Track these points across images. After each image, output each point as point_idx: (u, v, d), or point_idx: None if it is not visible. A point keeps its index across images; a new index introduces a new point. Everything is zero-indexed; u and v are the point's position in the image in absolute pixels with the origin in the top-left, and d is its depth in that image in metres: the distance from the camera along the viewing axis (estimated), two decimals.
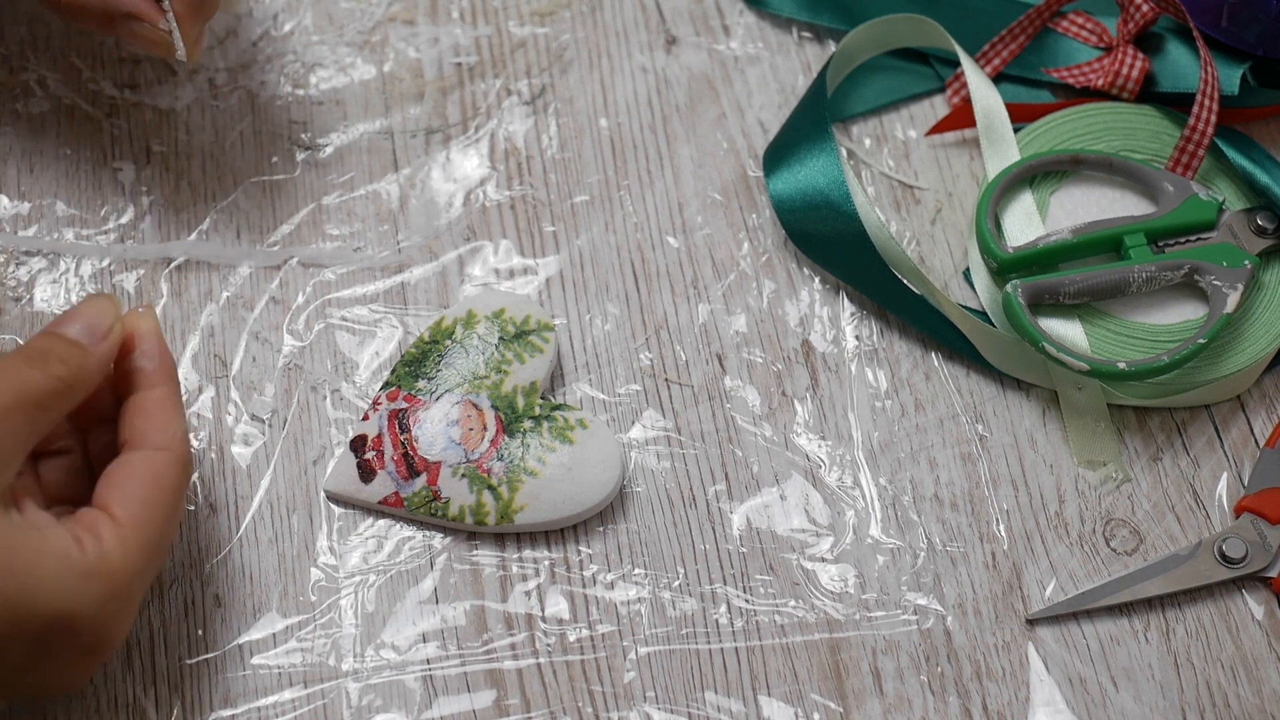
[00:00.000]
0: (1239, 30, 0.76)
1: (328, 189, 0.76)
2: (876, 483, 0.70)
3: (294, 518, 0.68)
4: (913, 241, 0.76)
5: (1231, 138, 0.76)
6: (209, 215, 0.75)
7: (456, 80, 0.79)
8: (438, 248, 0.75)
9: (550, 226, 0.76)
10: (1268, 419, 0.72)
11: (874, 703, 0.65)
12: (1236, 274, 0.71)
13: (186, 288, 0.73)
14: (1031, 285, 0.71)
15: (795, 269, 0.75)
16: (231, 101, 0.78)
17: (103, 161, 0.76)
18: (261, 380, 0.71)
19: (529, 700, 0.65)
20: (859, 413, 0.71)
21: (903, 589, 0.67)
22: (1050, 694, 0.65)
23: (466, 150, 0.78)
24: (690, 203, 0.76)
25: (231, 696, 0.64)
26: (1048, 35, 0.80)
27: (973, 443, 0.71)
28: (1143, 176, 0.75)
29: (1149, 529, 0.69)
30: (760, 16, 0.82)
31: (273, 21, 0.81)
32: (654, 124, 0.79)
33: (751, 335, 0.73)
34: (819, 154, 0.74)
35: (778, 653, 0.66)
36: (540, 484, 0.67)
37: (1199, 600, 0.68)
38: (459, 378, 0.70)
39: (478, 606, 0.66)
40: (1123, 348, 0.72)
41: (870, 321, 0.74)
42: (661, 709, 0.65)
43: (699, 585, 0.67)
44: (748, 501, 0.69)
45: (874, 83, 0.80)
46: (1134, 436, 0.71)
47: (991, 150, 0.76)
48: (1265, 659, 0.66)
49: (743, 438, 0.71)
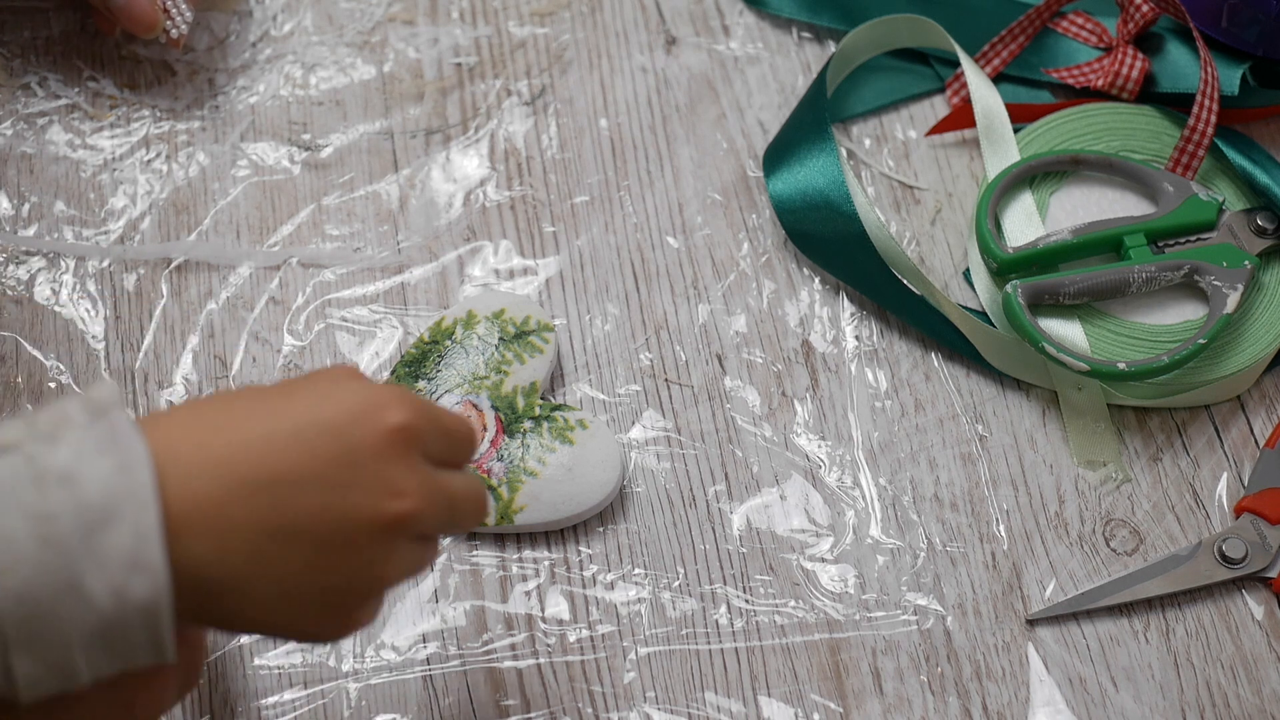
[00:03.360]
0: (1239, 30, 0.75)
1: (327, 189, 0.76)
2: (876, 483, 0.70)
3: None
4: (913, 242, 0.76)
5: (1231, 138, 0.76)
6: (209, 215, 0.75)
7: (456, 81, 0.79)
8: (438, 248, 0.75)
9: (550, 227, 0.76)
10: (1268, 419, 0.72)
11: (874, 703, 0.65)
12: (1236, 274, 0.71)
13: (186, 288, 0.73)
14: (1031, 285, 0.71)
15: (795, 269, 0.75)
16: (232, 101, 0.78)
17: (103, 162, 0.76)
18: (261, 380, 0.71)
19: (529, 701, 0.65)
20: (859, 413, 0.71)
21: (903, 589, 0.67)
22: (1050, 694, 0.65)
23: (466, 151, 0.78)
24: (690, 203, 0.76)
25: (232, 697, 0.64)
26: (1047, 35, 0.80)
27: (973, 443, 0.71)
28: (1143, 177, 0.75)
29: (1149, 529, 0.69)
30: (760, 17, 0.82)
31: (273, 22, 0.81)
32: (654, 124, 0.79)
33: (751, 335, 0.73)
34: (819, 154, 0.74)
35: (778, 653, 0.66)
36: (540, 484, 0.67)
37: (1199, 600, 0.68)
38: (459, 378, 0.70)
39: (478, 607, 0.66)
40: (1123, 348, 0.72)
41: (870, 322, 0.74)
42: (661, 709, 0.65)
43: (699, 585, 0.67)
44: (748, 502, 0.69)
45: (874, 83, 0.80)
46: (1134, 437, 0.71)
47: (991, 150, 0.76)
48: (1265, 659, 0.66)
49: (743, 438, 0.71)
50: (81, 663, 0.46)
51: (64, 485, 0.45)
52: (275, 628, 0.49)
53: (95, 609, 0.45)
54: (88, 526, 0.45)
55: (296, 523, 0.48)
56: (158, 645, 0.46)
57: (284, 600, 0.48)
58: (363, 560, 0.49)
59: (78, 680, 0.46)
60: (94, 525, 0.45)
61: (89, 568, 0.45)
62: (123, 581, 0.45)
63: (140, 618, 0.46)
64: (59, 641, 0.45)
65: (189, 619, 0.48)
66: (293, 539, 0.48)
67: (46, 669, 0.45)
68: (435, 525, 0.51)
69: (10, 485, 0.45)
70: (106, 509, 0.45)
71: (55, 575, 0.44)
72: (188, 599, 0.47)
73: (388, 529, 0.49)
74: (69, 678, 0.46)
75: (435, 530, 0.52)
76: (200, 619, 0.48)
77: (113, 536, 0.45)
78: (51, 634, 0.45)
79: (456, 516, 0.53)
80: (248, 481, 0.47)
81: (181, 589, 0.46)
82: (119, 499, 0.45)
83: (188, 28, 0.76)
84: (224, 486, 0.47)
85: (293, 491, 0.48)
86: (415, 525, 0.50)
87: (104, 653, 0.46)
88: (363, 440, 0.49)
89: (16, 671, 0.45)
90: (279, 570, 0.48)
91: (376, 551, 0.49)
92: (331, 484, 0.48)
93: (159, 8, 0.75)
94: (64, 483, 0.45)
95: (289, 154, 0.77)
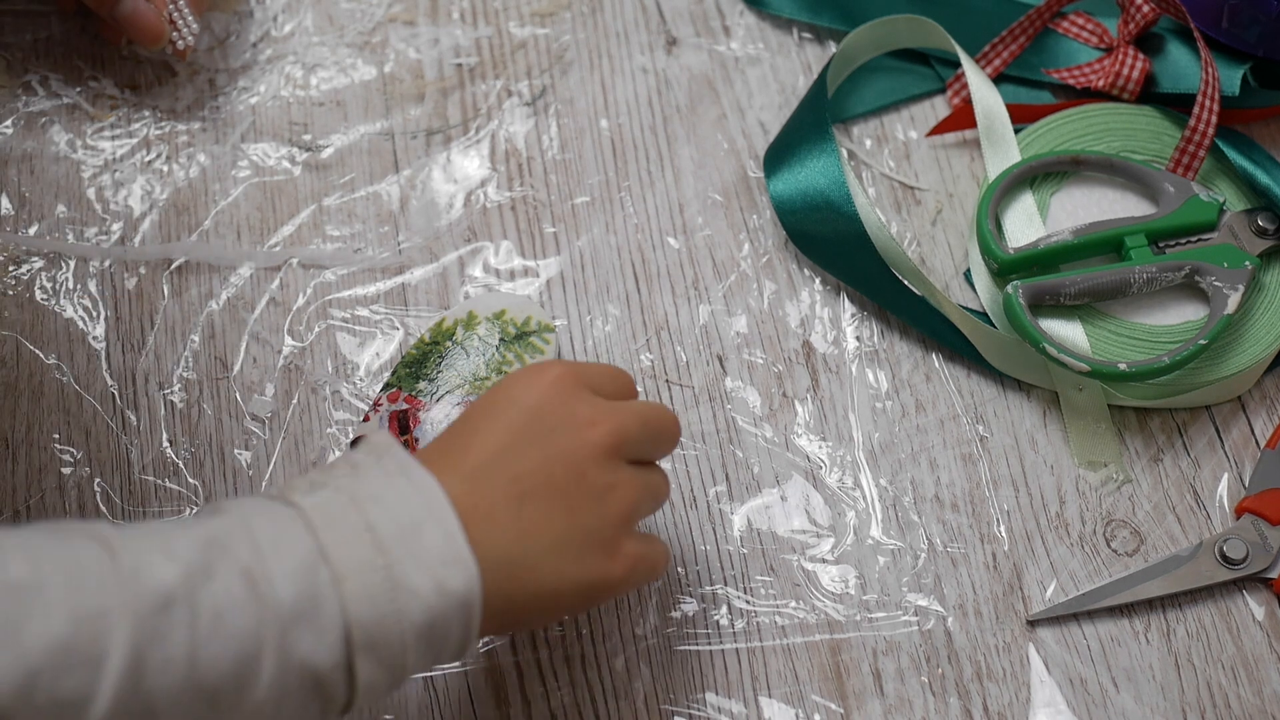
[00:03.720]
0: (1239, 31, 0.75)
1: (328, 190, 0.76)
2: (877, 484, 0.70)
3: None
4: (913, 242, 0.76)
5: (1232, 138, 0.76)
6: (209, 216, 0.75)
7: (457, 81, 0.79)
8: (438, 249, 0.75)
9: (551, 227, 0.76)
10: (1268, 420, 0.72)
11: (874, 703, 0.65)
12: (1237, 275, 0.71)
13: (187, 288, 0.73)
14: (1032, 286, 0.71)
15: (796, 270, 0.75)
16: (232, 102, 0.78)
17: (104, 162, 0.76)
18: (262, 381, 0.71)
19: (529, 702, 0.65)
20: (860, 414, 0.71)
21: (903, 590, 0.67)
22: (1051, 695, 0.65)
23: (467, 151, 0.78)
24: (691, 203, 0.76)
25: None
26: (1048, 36, 0.80)
27: (973, 444, 0.71)
28: (1143, 177, 0.75)
29: (1150, 530, 0.69)
30: (760, 17, 0.82)
31: (273, 22, 0.81)
32: (654, 125, 0.79)
33: (752, 336, 0.73)
34: (820, 155, 0.74)
35: (778, 654, 0.66)
36: None
37: (1200, 601, 0.68)
38: (460, 379, 0.69)
39: None
40: (1123, 349, 0.72)
41: (871, 322, 0.74)
42: (662, 710, 0.65)
43: (700, 586, 0.67)
44: (748, 502, 0.69)
45: (874, 83, 0.80)
46: (1134, 437, 0.71)
47: (992, 151, 0.76)
48: (1266, 660, 0.66)
49: (743, 439, 0.71)
50: (411, 660, 0.52)
51: (376, 503, 0.52)
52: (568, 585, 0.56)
53: (422, 602, 0.51)
54: (402, 531, 0.52)
55: (534, 483, 0.55)
56: (466, 638, 0.53)
57: (559, 553, 0.55)
58: (597, 489, 0.56)
59: (403, 679, 0.53)
60: (408, 530, 0.52)
61: (412, 568, 0.52)
62: (442, 575, 0.52)
63: (458, 610, 0.52)
64: (396, 640, 0.51)
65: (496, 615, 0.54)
66: (538, 497, 0.55)
67: (383, 669, 0.51)
68: (640, 441, 0.58)
69: (335, 507, 0.52)
70: (414, 518, 0.52)
71: (386, 575, 0.51)
72: (490, 585, 0.53)
73: (601, 451, 0.57)
74: (398, 678, 0.52)
75: (643, 448, 0.59)
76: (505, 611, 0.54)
77: (426, 539, 0.52)
78: (389, 633, 0.51)
79: (653, 431, 0.59)
80: (484, 470, 0.55)
81: (486, 573, 0.53)
82: (422, 509, 0.53)
83: (194, 39, 0.76)
84: (475, 483, 0.55)
85: (516, 460, 0.56)
86: (620, 442, 0.57)
87: (426, 648, 0.52)
88: (539, 396, 0.57)
89: (359, 673, 0.51)
90: (542, 527, 0.55)
91: (603, 476, 0.56)
92: (537, 439, 0.56)
93: (165, 19, 0.75)
94: (376, 501, 0.52)
95: (290, 154, 0.77)
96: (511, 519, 0.55)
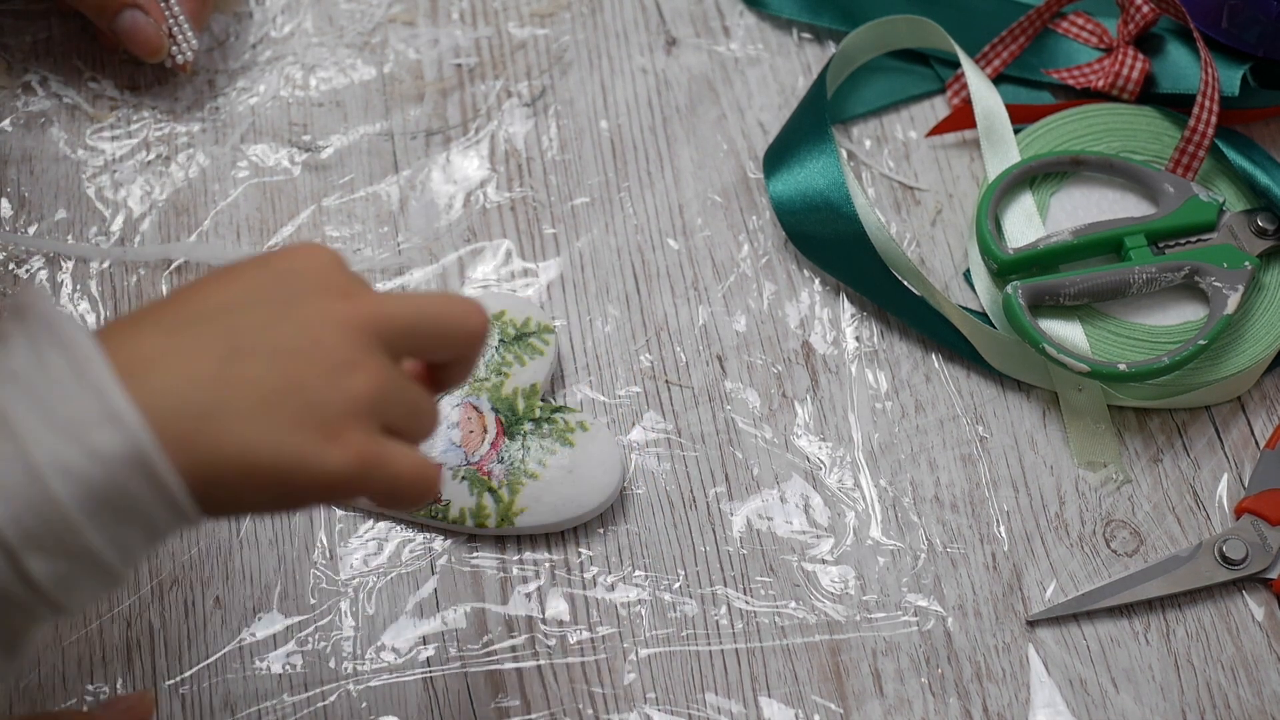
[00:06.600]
0: (1239, 31, 0.75)
1: (328, 190, 0.76)
2: (877, 484, 0.70)
3: (294, 520, 0.68)
4: (913, 243, 0.76)
5: (1232, 139, 0.76)
6: (209, 216, 0.75)
7: (456, 82, 0.79)
8: (438, 250, 0.75)
9: (550, 228, 0.76)
10: (1268, 420, 0.72)
11: (874, 704, 0.65)
12: (1237, 275, 0.71)
13: None
14: (1032, 286, 0.71)
15: (795, 270, 0.75)
16: (232, 102, 0.78)
17: (103, 163, 0.76)
18: None
19: (529, 702, 0.65)
20: (859, 414, 0.71)
21: (903, 590, 0.67)
22: (1050, 695, 0.65)
23: (467, 152, 0.78)
24: (690, 204, 0.76)
25: (231, 698, 0.64)
26: (1048, 36, 0.80)
27: (973, 444, 0.71)
28: (1143, 178, 0.75)
29: (1149, 530, 0.69)
30: (760, 18, 0.82)
31: (273, 23, 0.81)
32: (654, 125, 0.79)
33: (752, 337, 0.73)
34: (819, 155, 0.74)
35: (778, 654, 0.66)
36: (541, 486, 0.67)
37: (1199, 601, 0.68)
38: None
39: (478, 609, 0.66)
40: (1123, 349, 0.72)
41: (870, 323, 0.74)
42: (662, 710, 0.65)
43: (699, 587, 0.67)
44: (748, 503, 0.69)
45: (874, 84, 0.80)
46: (1134, 438, 0.71)
47: (992, 151, 0.76)
48: (1265, 660, 0.66)
49: (743, 439, 0.71)
50: (100, 543, 0.46)
51: (13, 382, 0.46)
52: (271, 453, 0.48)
53: (74, 475, 0.45)
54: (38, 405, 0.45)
55: (254, 339, 0.48)
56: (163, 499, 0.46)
57: (267, 412, 0.48)
58: (332, 361, 0.49)
59: (110, 563, 0.46)
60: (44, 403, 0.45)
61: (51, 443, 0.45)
62: (93, 440, 0.45)
63: (130, 470, 0.46)
64: (59, 525, 0.45)
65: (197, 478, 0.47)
66: (256, 354, 0.48)
67: (63, 558, 0.46)
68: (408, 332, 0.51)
69: None
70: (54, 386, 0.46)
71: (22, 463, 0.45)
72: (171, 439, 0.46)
73: (350, 324, 0.50)
74: (95, 561, 0.46)
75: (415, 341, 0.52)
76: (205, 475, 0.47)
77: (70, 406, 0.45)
78: (47, 520, 0.45)
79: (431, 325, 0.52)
80: (199, 319, 0.49)
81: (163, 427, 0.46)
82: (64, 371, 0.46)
83: (194, 55, 0.76)
84: (178, 334, 0.48)
85: (242, 314, 0.49)
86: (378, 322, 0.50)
87: (110, 519, 0.46)
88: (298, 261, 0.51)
89: (35, 572, 0.45)
90: (250, 382, 0.48)
91: (344, 350, 0.49)
92: (275, 299, 0.49)
93: (164, 34, 0.75)
94: (13, 380, 0.46)
95: (289, 155, 0.77)
96: (212, 369, 0.47)
